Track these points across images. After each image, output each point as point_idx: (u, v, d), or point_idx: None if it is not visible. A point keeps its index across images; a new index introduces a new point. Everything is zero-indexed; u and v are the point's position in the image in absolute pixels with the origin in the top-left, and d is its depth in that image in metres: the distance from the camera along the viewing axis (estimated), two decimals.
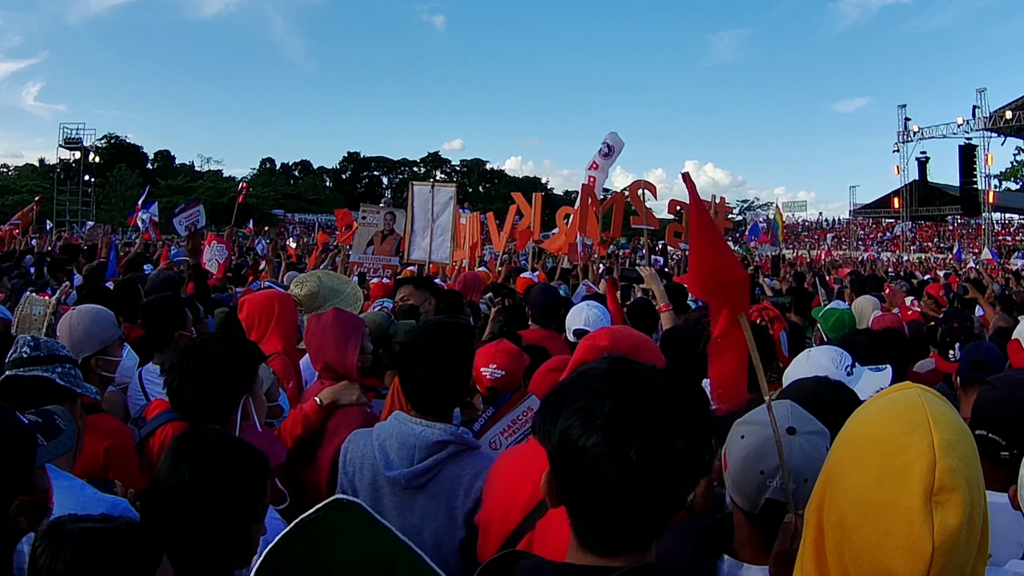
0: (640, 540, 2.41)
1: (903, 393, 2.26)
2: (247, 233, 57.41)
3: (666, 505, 2.36)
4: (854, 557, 2.08)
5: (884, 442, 2.11)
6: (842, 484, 2.17)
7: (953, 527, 1.96)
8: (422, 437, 4.60)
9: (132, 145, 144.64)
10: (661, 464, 2.25)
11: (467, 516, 4.55)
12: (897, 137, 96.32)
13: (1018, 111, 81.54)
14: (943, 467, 1.99)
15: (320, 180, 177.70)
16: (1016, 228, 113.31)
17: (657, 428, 2.27)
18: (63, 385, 4.03)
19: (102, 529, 2.98)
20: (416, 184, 19.93)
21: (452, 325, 5.09)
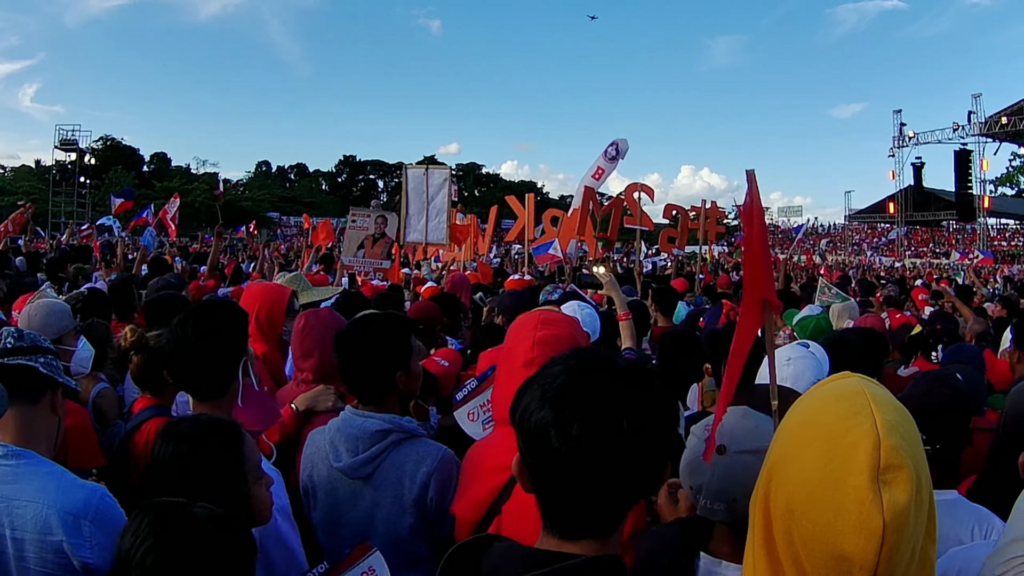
0: (597, 524, 2.46)
1: (843, 381, 2.32)
2: (240, 238, 57.35)
3: (618, 490, 2.42)
4: (805, 541, 2.11)
5: (828, 425, 2.15)
6: (788, 469, 2.21)
7: (902, 503, 2.00)
8: (363, 428, 4.72)
9: (128, 147, 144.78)
10: (604, 445, 2.32)
11: (415, 501, 4.64)
12: (892, 142, 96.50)
13: (1013, 116, 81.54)
14: (888, 445, 2.04)
15: (316, 183, 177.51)
16: (1011, 233, 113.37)
17: (601, 408, 2.34)
18: (45, 374, 4.06)
19: (222, 516, 3.18)
20: (410, 168, 19.90)
21: (383, 316, 5.17)
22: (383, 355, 4.85)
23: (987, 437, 5.00)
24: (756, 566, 2.33)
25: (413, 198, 19.54)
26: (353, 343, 4.88)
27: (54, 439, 4.23)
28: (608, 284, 8.84)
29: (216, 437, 3.84)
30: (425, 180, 19.36)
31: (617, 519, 2.51)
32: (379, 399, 4.86)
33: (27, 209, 29.79)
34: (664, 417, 2.46)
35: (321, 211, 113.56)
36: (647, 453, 2.39)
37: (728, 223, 51.61)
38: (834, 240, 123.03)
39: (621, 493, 2.44)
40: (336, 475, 4.78)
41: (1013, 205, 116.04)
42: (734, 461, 3.20)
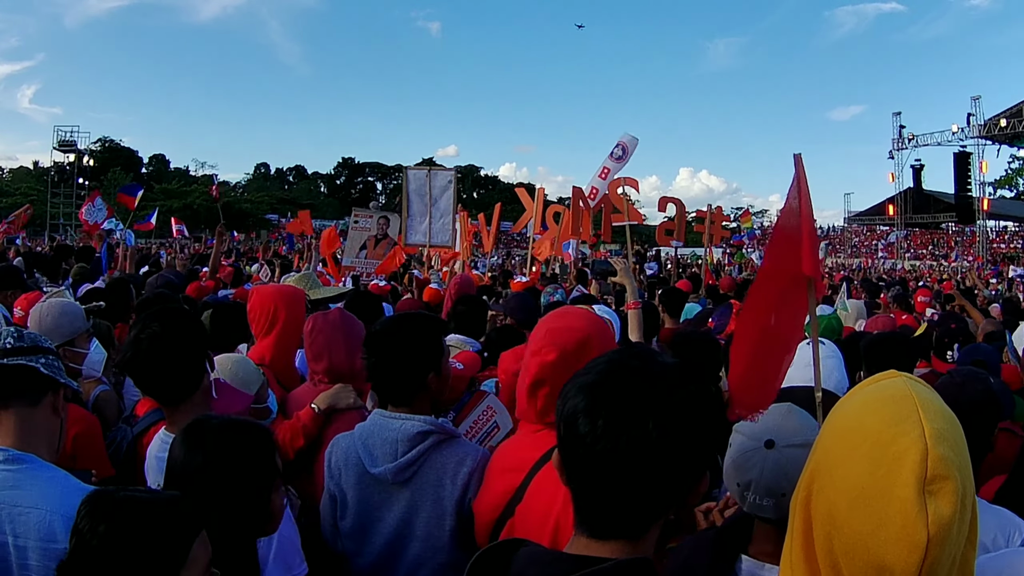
0: (626, 525, 2.40)
1: (890, 382, 2.21)
2: (239, 241, 57.38)
3: (644, 490, 2.35)
4: (845, 550, 2.03)
5: (874, 431, 2.05)
6: (831, 475, 2.12)
7: (947, 516, 1.91)
8: (403, 430, 4.57)
9: (127, 149, 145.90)
10: (628, 440, 2.28)
11: (456, 505, 4.49)
12: (892, 144, 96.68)
13: (1013, 119, 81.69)
14: (935, 456, 1.94)
15: (315, 185, 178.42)
16: (1011, 236, 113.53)
17: (628, 404, 2.31)
18: (46, 375, 3.94)
19: (145, 498, 3.01)
20: (410, 169, 19.83)
21: (415, 316, 5.07)
22: (416, 356, 4.73)
23: (1007, 438, 4.93)
24: (794, 570, 2.24)
25: (415, 200, 19.36)
26: (385, 344, 4.75)
27: (56, 442, 4.07)
28: (622, 272, 8.69)
29: (251, 442, 3.77)
30: (428, 182, 19.28)
31: (646, 521, 2.43)
32: (410, 401, 4.72)
33: (26, 210, 29.91)
34: (697, 424, 2.38)
35: (319, 213, 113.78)
36: (674, 457, 2.32)
37: (727, 225, 51.61)
38: (833, 242, 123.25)
39: (648, 493, 2.37)
40: (369, 480, 4.64)
41: (1012, 207, 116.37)
42: (783, 455, 3.20)
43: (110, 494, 2.99)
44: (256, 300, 7.28)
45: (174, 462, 3.75)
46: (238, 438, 3.74)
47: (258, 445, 3.78)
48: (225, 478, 3.63)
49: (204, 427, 3.78)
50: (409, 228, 19.38)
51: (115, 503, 2.94)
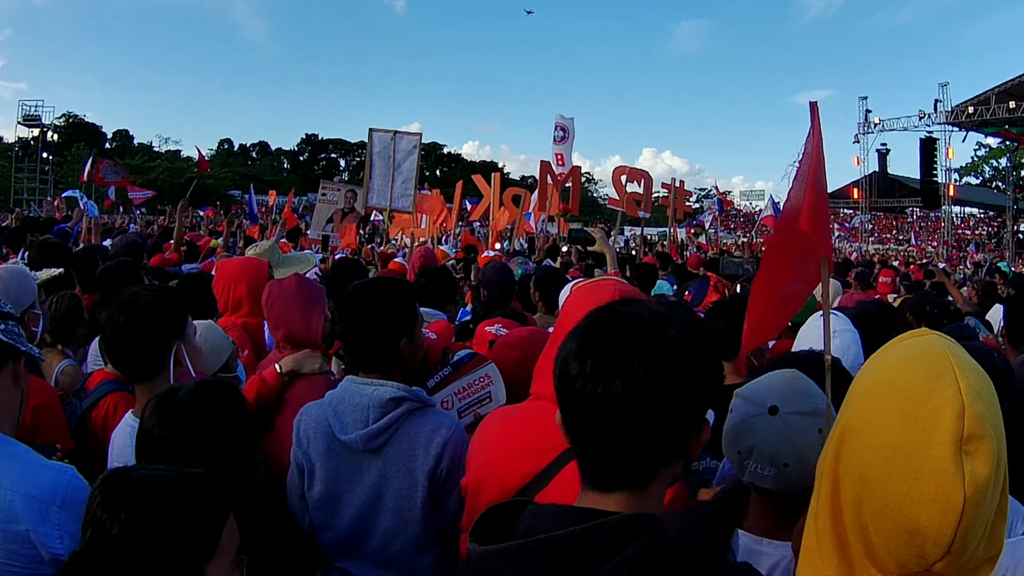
0: (628, 475, 2.42)
1: (923, 339, 2.16)
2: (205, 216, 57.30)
3: (639, 435, 2.34)
4: (876, 511, 1.99)
5: (908, 389, 1.99)
6: (863, 434, 2.06)
7: (983, 477, 1.87)
8: (375, 396, 4.47)
9: (91, 124, 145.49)
10: (616, 382, 2.29)
11: (428, 475, 4.42)
12: (858, 128, 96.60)
13: (980, 106, 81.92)
14: (972, 414, 1.89)
15: (278, 161, 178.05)
16: (975, 223, 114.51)
17: (615, 346, 2.34)
18: (6, 342, 3.76)
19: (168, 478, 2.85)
20: (376, 131, 19.79)
21: (390, 281, 5.02)
22: (390, 321, 4.65)
23: None
24: (820, 536, 2.21)
25: (378, 162, 19.29)
26: (359, 308, 4.66)
27: (16, 415, 3.88)
28: (600, 241, 8.84)
29: (223, 400, 3.74)
30: (392, 145, 19.26)
31: (648, 471, 2.44)
32: (383, 367, 4.63)
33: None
34: (690, 366, 2.39)
35: (282, 189, 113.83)
36: (668, 399, 2.33)
37: (690, 203, 52.03)
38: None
39: (645, 438, 2.37)
40: (339, 448, 4.55)
41: (978, 194, 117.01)
42: (787, 422, 3.15)
43: (125, 475, 2.80)
44: (221, 274, 7.37)
45: (147, 434, 3.65)
46: (210, 397, 3.69)
47: (231, 400, 3.77)
48: (206, 438, 3.59)
49: (175, 393, 3.71)
50: (371, 189, 19.39)
51: (135, 486, 2.74)
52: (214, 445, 3.62)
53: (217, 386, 3.88)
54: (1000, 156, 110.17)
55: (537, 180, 23.92)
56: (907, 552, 1.95)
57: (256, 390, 5.41)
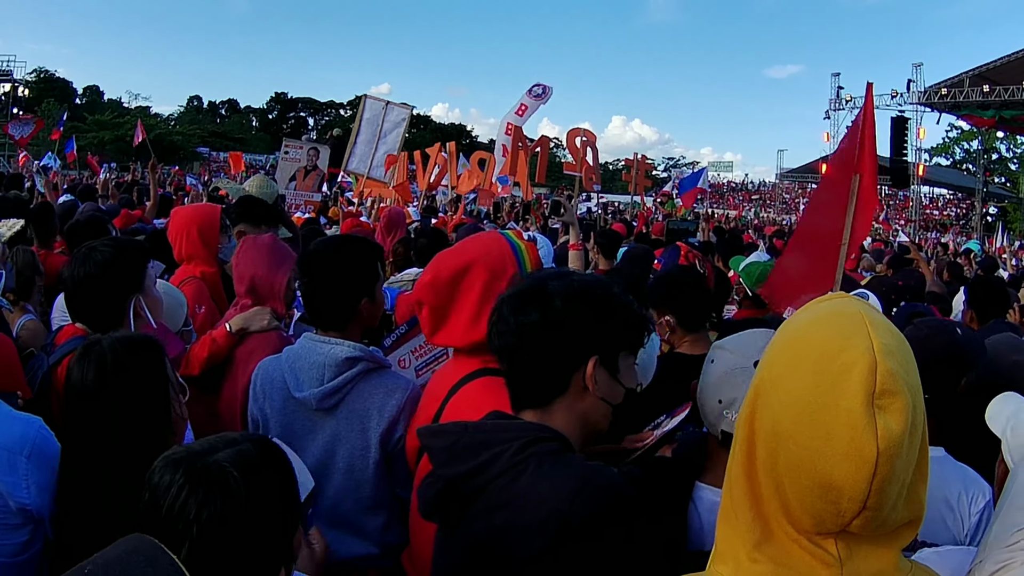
0: (530, 396, 3.15)
1: (838, 300, 2.21)
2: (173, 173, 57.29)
3: (537, 364, 3.10)
4: (790, 466, 2.02)
5: (820, 344, 2.05)
6: (776, 390, 2.10)
7: (897, 432, 1.91)
8: (331, 355, 4.48)
9: (61, 80, 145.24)
10: (517, 325, 3.08)
11: (381, 437, 4.43)
12: (829, 105, 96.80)
13: (954, 88, 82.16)
14: (884, 369, 1.93)
15: (247, 119, 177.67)
16: (944, 203, 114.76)
17: (521, 299, 3.13)
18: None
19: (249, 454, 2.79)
20: (370, 97, 19.90)
21: (352, 239, 4.96)
22: (350, 279, 4.63)
23: None
24: (733, 491, 2.23)
25: (365, 128, 19.75)
26: (320, 264, 4.64)
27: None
28: (569, 212, 9.04)
29: (141, 353, 3.69)
30: (383, 114, 19.37)
31: (546, 392, 3.12)
32: (342, 325, 4.63)
33: None
34: (568, 316, 3.07)
35: (251, 147, 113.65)
36: (554, 338, 3.06)
37: (656, 175, 52.22)
38: (764, 198, 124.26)
39: (538, 367, 3.11)
40: (293, 406, 4.54)
41: (948, 175, 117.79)
42: None
43: (194, 457, 2.68)
44: (174, 222, 7.42)
45: (71, 382, 3.66)
46: (129, 351, 3.68)
47: (150, 356, 3.73)
48: (122, 391, 3.57)
49: (98, 343, 3.70)
50: (352, 153, 19.57)
51: (212, 471, 2.65)
52: (132, 398, 3.60)
53: (139, 340, 3.85)
54: (972, 139, 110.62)
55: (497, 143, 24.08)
56: (823, 508, 1.98)
57: (208, 349, 5.48)
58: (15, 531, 3.63)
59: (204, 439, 2.80)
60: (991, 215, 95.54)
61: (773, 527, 2.12)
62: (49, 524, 3.68)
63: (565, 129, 23.43)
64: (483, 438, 2.94)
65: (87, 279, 4.77)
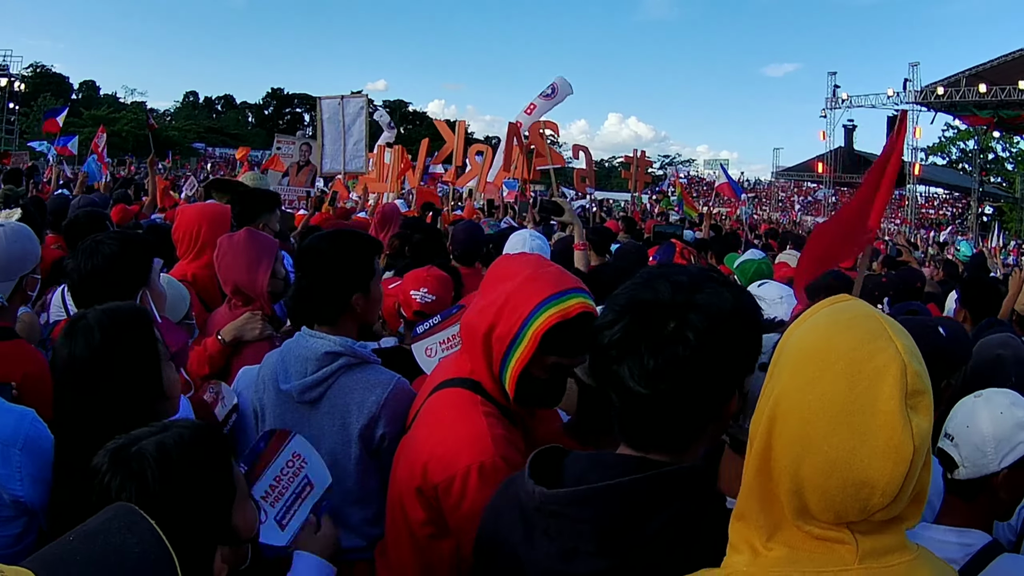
0: (666, 437, 2.63)
1: (848, 304, 2.25)
2: (166, 165, 57.22)
3: (672, 397, 2.49)
4: (819, 471, 2.04)
5: (849, 350, 2.06)
6: (802, 396, 2.09)
7: (925, 429, 2.01)
8: (312, 348, 4.50)
9: (58, 75, 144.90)
10: (646, 343, 2.45)
11: (361, 432, 4.41)
12: (825, 103, 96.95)
13: (950, 88, 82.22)
14: (912, 371, 2.01)
15: (243, 115, 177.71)
16: (940, 202, 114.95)
17: (648, 309, 2.49)
18: None
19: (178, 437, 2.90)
20: (323, 99, 19.96)
21: (347, 233, 4.92)
22: (340, 274, 4.61)
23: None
24: (750, 494, 2.26)
25: (328, 128, 19.95)
26: (311, 260, 4.65)
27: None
28: (569, 212, 8.71)
29: (130, 323, 3.70)
30: (341, 109, 19.44)
31: (685, 433, 2.63)
32: (332, 320, 4.62)
33: None
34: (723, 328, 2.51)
35: (247, 143, 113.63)
36: (699, 360, 2.45)
37: (653, 172, 52.26)
38: (759, 196, 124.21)
39: (677, 402, 2.51)
40: (284, 397, 4.56)
41: (943, 174, 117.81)
42: None
43: (125, 445, 2.83)
44: (181, 220, 7.27)
45: (60, 360, 3.64)
46: (116, 321, 3.68)
47: (138, 323, 3.73)
48: (113, 360, 3.56)
49: (84, 318, 3.70)
50: (324, 156, 19.86)
51: (131, 457, 2.79)
52: (124, 368, 3.60)
53: (125, 309, 3.86)
54: (968, 138, 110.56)
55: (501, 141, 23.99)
56: (851, 504, 2.03)
57: (207, 365, 5.52)
58: (9, 523, 3.64)
59: (153, 425, 2.92)
60: (987, 215, 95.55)
61: (786, 525, 2.19)
62: (43, 516, 3.68)
63: (561, 125, 23.43)
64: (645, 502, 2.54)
65: (95, 272, 4.75)
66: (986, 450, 3.74)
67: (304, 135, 37.28)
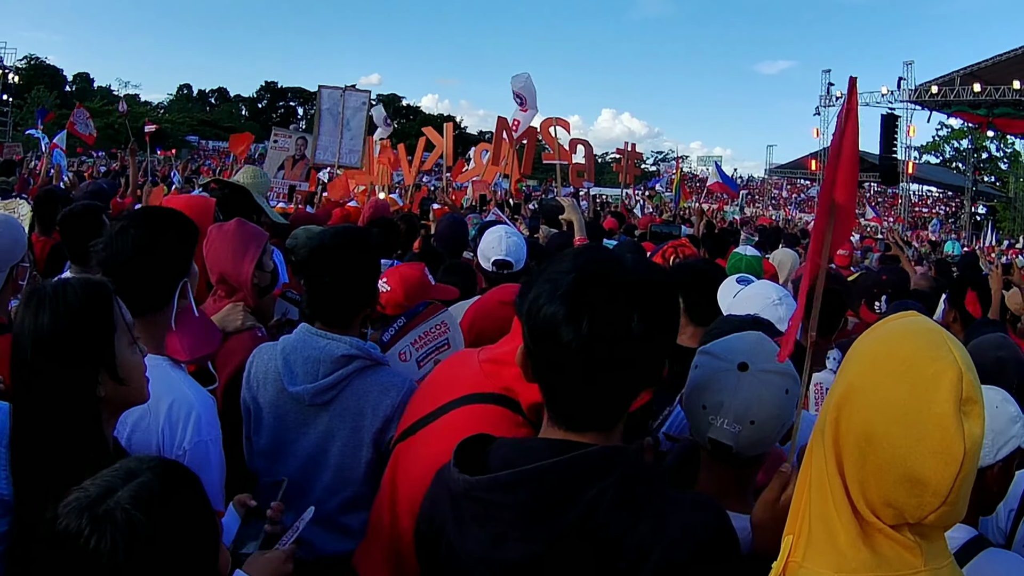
0: (602, 418, 2.65)
1: (913, 318, 2.39)
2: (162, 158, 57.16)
3: (623, 383, 2.59)
4: (879, 465, 2.20)
5: (911, 357, 2.22)
6: (867, 396, 2.26)
7: (978, 435, 2.13)
8: (326, 351, 4.40)
9: (52, 67, 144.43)
10: (614, 339, 2.46)
11: (374, 436, 4.35)
12: (819, 101, 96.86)
13: (944, 87, 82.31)
14: (968, 379, 2.14)
15: (236, 108, 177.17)
16: (933, 201, 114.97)
17: (611, 303, 2.48)
18: None
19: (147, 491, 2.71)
20: (325, 88, 19.90)
21: (362, 232, 4.93)
22: (365, 276, 4.59)
23: None
24: (834, 494, 2.36)
25: (326, 118, 20.05)
26: (333, 261, 4.52)
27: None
28: (570, 208, 8.96)
29: (85, 294, 3.45)
30: (342, 102, 19.44)
31: (620, 413, 2.68)
32: (348, 321, 4.57)
33: None
34: (671, 311, 2.64)
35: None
36: (653, 347, 2.54)
37: (645, 168, 52.17)
38: (752, 193, 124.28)
39: (626, 387, 2.61)
40: (287, 398, 4.48)
41: (937, 173, 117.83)
42: (758, 379, 3.19)
43: (95, 503, 2.66)
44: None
45: (20, 329, 3.41)
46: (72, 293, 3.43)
47: (92, 293, 3.48)
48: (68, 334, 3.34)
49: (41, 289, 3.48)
50: (319, 146, 19.87)
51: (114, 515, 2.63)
52: (54, 344, 3.35)
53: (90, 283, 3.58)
54: (962, 137, 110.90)
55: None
56: (906, 501, 2.18)
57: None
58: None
59: (101, 474, 2.76)
60: (980, 214, 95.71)
61: (865, 520, 2.30)
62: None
63: None
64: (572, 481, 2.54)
65: (137, 256, 4.17)
66: (983, 445, 3.71)
67: (297, 128, 37.29)
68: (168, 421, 3.91)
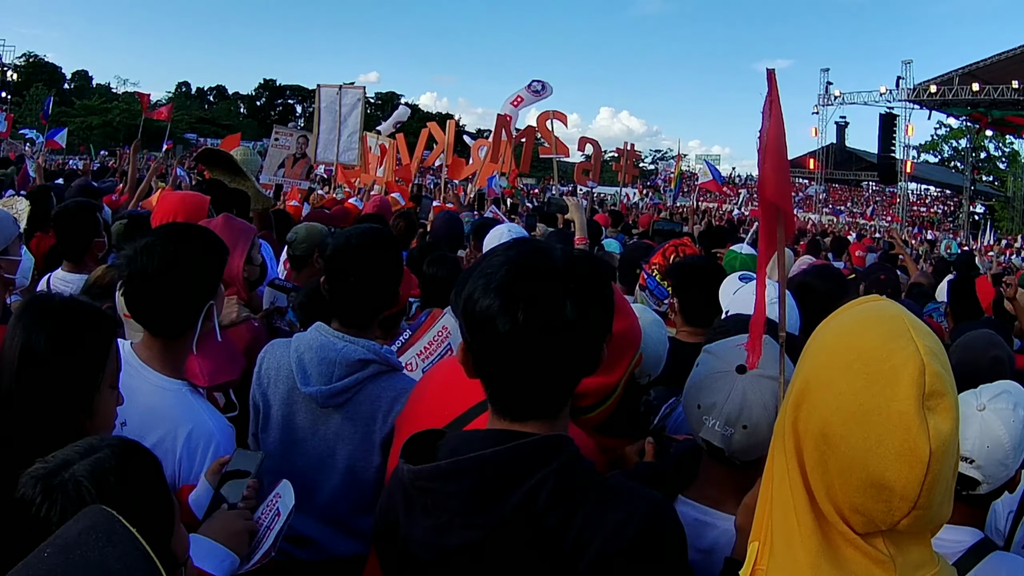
0: (544, 406, 2.67)
1: (877, 304, 2.26)
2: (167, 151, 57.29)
3: (562, 371, 2.61)
4: (841, 469, 2.07)
5: (868, 349, 2.08)
6: (823, 394, 2.13)
7: (946, 432, 1.97)
8: (343, 353, 4.35)
9: (50, 64, 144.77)
10: (548, 328, 2.49)
11: (383, 441, 4.32)
12: (818, 100, 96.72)
13: (943, 86, 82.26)
14: (932, 372, 1.98)
15: (235, 106, 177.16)
16: (931, 200, 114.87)
17: (544, 293, 2.50)
18: None
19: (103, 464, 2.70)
20: (324, 87, 19.99)
21: (387, 233, 4.88)
22: (389, 276, 4.57)
23: None
24: (796, 502, 2.24)
25: (325, 117, 20.26)
26: (359, 260, 4.45)
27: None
28: (573, 207, 9.03)
29: (90, 321, 3.39)
30: (338, 99, 19.58)
31: (563, 400, 2.72)
32: (368, 323, 4.57)
33: None
34: (604, 297, 2.65)
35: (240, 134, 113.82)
36: (588, 334, 2.57)
37: (644, 167, 52.19)
38: (751, 192, 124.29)
39: (564, 374, 2.64)
40: (298, 397, 4.45)
41: (935, 172, 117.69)
42: (754, 384, 3.14)
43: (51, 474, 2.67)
44: (159, 208, 7.14)
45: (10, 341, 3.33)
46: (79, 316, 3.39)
47: (96, 323, 3.42)
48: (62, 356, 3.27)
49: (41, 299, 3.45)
50: (320, 144, 20.19)
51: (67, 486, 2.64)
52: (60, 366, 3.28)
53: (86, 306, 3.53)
54: (960, 136, 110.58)
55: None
56: (874, 507, 2.04)
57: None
58: None
59: (63, 449, 2.75)
60: (978, 213, 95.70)
61: (830, 530, 2.18)
62: None
63: None
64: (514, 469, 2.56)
65: (163, 274, 3.91)
66: (1007, 461, 3.69)
67: (296, 127, 37.37)
68: (187, 449, 3.87)
